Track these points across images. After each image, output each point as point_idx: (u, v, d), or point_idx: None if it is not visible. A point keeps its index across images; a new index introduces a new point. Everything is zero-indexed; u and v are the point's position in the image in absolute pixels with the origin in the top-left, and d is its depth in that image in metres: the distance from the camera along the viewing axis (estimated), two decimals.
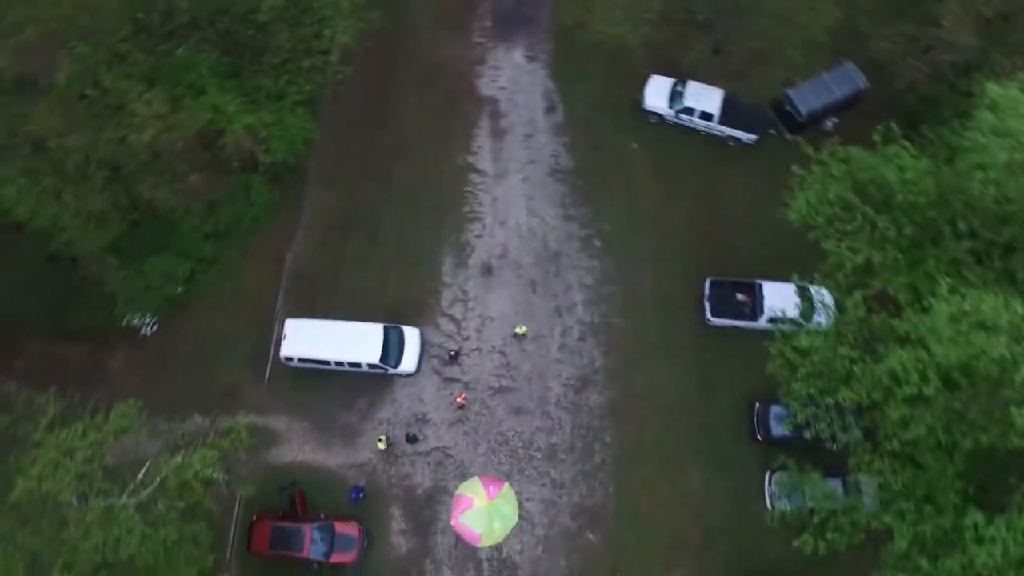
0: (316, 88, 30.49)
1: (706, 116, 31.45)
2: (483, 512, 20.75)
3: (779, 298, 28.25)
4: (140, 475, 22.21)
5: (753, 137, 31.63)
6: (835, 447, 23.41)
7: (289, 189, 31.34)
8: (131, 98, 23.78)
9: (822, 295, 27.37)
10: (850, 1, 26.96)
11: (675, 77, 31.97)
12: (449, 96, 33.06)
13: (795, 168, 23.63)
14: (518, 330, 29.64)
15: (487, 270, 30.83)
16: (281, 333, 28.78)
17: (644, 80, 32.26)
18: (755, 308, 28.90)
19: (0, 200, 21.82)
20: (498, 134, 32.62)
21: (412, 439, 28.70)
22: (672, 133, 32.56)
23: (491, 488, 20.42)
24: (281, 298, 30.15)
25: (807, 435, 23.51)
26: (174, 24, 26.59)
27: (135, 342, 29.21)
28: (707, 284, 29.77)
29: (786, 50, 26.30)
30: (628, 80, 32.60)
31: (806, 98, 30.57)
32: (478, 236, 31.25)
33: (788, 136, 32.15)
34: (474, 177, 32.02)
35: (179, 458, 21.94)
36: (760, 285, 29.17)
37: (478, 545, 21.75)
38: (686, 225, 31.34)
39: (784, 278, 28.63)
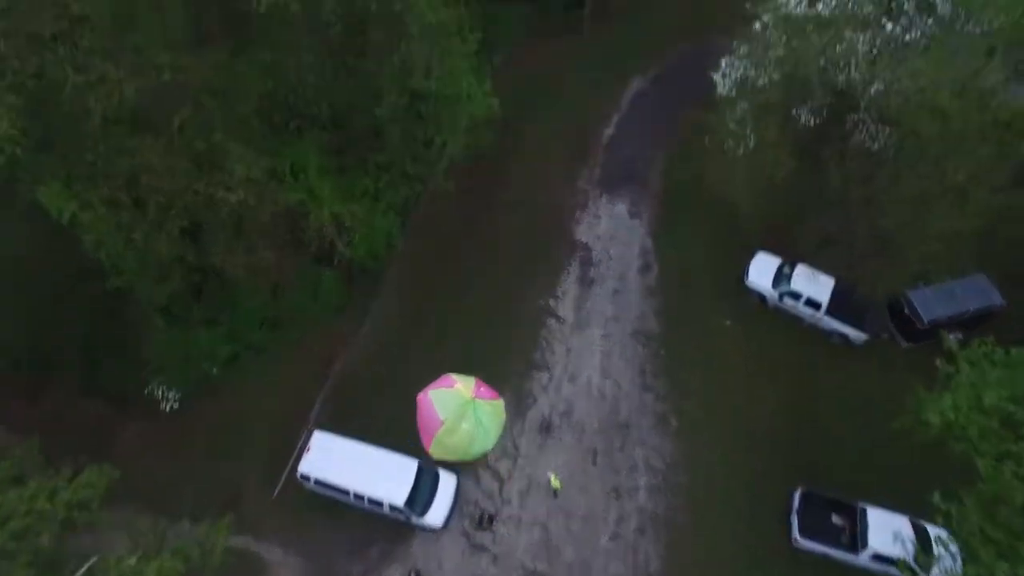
0: (413, 195, 29.72)
1: (813, 304, 28.78)
2: (460, 402, 14.01)
3: (888, 530, 23.50)
4: (80, 572, 18.19)
5: (863, 336, 28.53)
6: None
7: (359, 293, 29.49)
8: (232, 158, 22.97)
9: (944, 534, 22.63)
10: (1008, 206, 24.56)
11: (783, 258, 29.92)
12: (542, 234, 31.70)
13: (939, 362, 20.02)
14: (553, 482, 25.66)
15: (546, 427, 27.35)
16: (306, 444, 25.50)
17: (749, 256, 30.28)
18: (855, 538, 24.11)
19: (75, 222, 20.45)
20: (585, 283, 30.60)
21: None
22: (772, 317, 29.86)
23: (483, 390, 13.81)
24: (318, 405, 27.18)
25: None
26: (296, 115, 26.48)
27: (153, 415, 26.30)
28: (797, 495, 25.35)
29: (916, 248, 23.88)
30: (731, 254, 30.73)
31: (930, 304, 27.60)
32: (543, 387, 28.16)
33: (903, 343, 28.99)
34: (551, 322, 29.61)
35: (132, 560, 17.89)
36: (863, 510, 24.53)
37: (431, 436, 14.10)
38: (777, 421, 27.57)
39: (891, 504, 24.46)
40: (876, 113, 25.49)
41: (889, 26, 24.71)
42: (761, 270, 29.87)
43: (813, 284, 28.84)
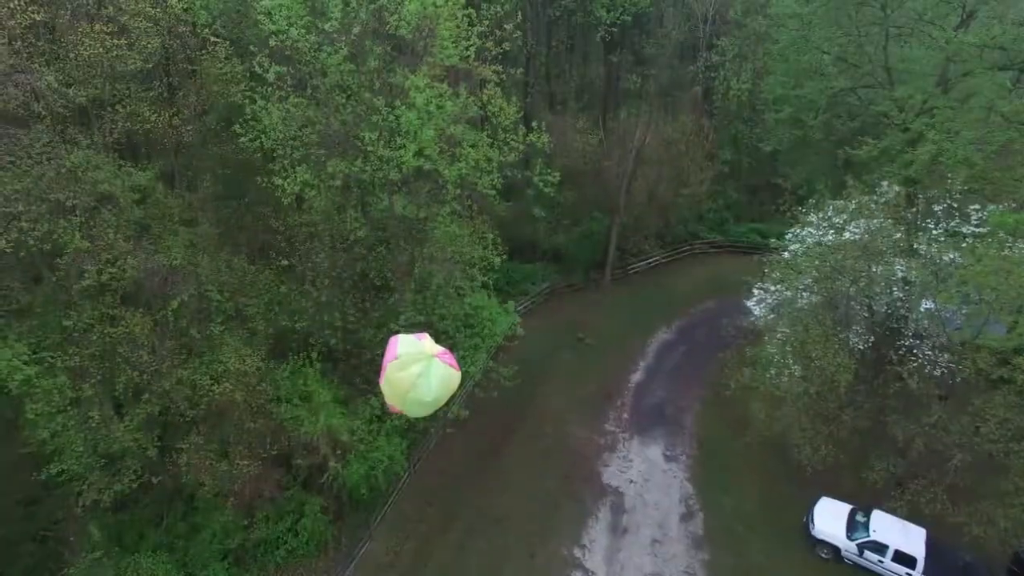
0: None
1: (905, 560, 23.09)
2: (420, 350, 11.37)
3: None
4: None
5: None
6: None
7: (347, 530, 24.75)
8: (226, 350, 21.31)
9: None
10: None
11: (850, 503, 25.28)
12: (566, 476, 27.62)
13: None
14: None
15: None
16: None
17: (809, 502, 25.65)
18: None
19: (25, 390, 17.67)
20: (618, 531, 25.58)
21: None
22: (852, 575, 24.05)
23: (449, 358, 11.21)
24: None
25: None
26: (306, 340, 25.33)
27: None
28: None
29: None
30: (786, 500, 26.24)
31: None
32: None
33: None
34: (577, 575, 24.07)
35: None
36: None
37: (384, 369, 11.02)
38: None
39: None
40: (929, 342, 23.90)
41: (923, 249, 24.40)
42: (829, 517, 24.95)
43: (899, 534, 23.70)
